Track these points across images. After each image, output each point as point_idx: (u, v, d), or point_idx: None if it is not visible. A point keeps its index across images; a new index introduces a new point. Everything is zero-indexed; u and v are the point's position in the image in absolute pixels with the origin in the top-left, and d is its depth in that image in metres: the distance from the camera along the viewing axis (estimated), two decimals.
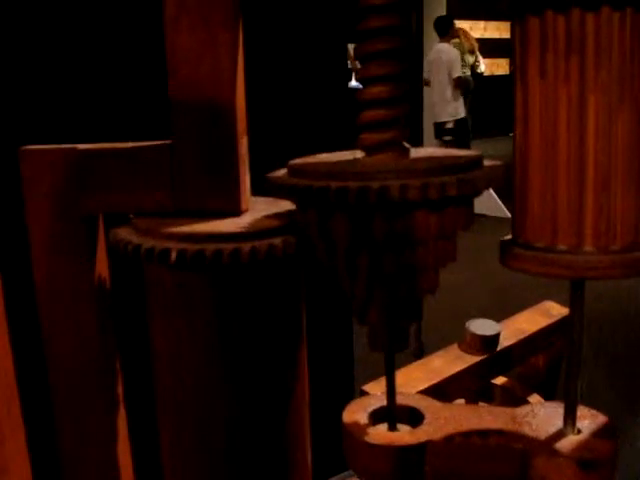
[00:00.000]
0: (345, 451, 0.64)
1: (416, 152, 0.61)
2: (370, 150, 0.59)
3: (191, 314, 0.61)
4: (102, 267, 0.70)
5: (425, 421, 0.64)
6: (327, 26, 1.18)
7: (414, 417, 0.66)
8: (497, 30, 7.15)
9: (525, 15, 0.55)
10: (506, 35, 7.39)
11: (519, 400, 1.41)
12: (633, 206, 0.55)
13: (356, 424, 0.64)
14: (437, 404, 0.67)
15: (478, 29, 6.53)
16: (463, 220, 0.58)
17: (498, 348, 1.52)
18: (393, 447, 0.61)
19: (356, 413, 0.66)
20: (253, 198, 0.68)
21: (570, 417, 0.62)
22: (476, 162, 0.58)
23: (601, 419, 0.63)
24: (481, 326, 1.53)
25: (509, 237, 0.61)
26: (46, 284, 0.69)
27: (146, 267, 0.63)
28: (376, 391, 0.99)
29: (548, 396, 1.57)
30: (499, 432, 0.62)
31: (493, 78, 5.96)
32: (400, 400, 0.66)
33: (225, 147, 0.64)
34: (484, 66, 5.86)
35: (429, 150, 0.62)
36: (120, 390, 0.73)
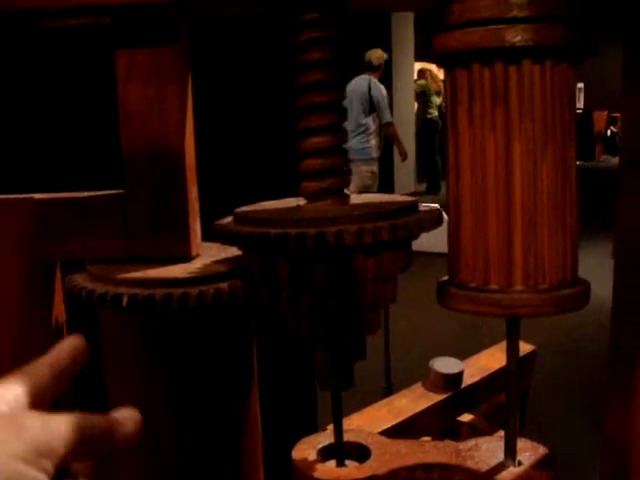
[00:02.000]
0: None
1: (355, 198, 0.63)
2: (311, 197, 0.62)
3: (142, 354, 0.63)
4: (59, 311, 0.72)
5: (372, 457, 0.66)
6: (274, 76, 1.23)
7: (362, 453, 0.68)
8: None
9: (453, 67, 0.59)
10: None
11: None
12: (560, 246, 0.58)
13: (305, 460, 0.66)
14: (384, 440, 0.69)
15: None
16: (400, 263, 0.61)
17: (462, 386, 1.54)
18: None
19: (306, 450, 0.68)
20: (204, 244, 0.70)
21: (510, 450, 0.64)
22: (411, 207, 0.61)
23: (541, 451, 0.65)
24: (444, 365, 1.55)
25: (445, 278, 0.63)
26: (5, 330, 0.71)
27: (99, 311, 0.65)
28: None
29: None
30: (443, 466, 0.64)
31: None
32: (348, 437, 0.68)
33: (175, 196, 0.66)
34: None
35: (369, 196, 0.65)
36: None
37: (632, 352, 0.67)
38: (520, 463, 0.64)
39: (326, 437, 0.69)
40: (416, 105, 5.82)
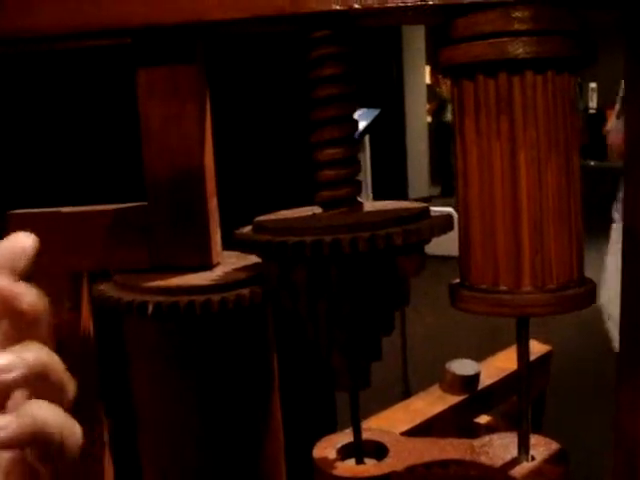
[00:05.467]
0: None
1: (368, 206, 0.66)
2: (326, 206, 0.65)
3: (167, 361, 0.66)
4: (86, 319, 0.75)
5: (389, 454, 0.68)
6: (288, 90, 1.26)
7: (380, 451, 0.70)
8: None
9: (460, 79, 0.61)
10: None
11: None
12: (566, 247, 0.61)
13: (325, 459, 0.69)
14: (401, 438, 0.71)
15: None
16: (414, 267, 0.63)
17: (479, 387, 1.56)
18: (359, 479, 0.65)
19: (326, 449, 0.70)
20: (224, 252, 0.73)
21: (523, 445, 0.66)
22: (423, 213, 0.64)
23: (554, 446, 0.68)
24: (461, 366, 1.57)
25: (457, 280, 0.66)
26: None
27: (126, 319, 0.68)
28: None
29: (533, 431, 1.59)
30: (458, 462, 0.66)
31: None
32: (366, 436, 0.70)
33: (195, 208, 0.69)
34: None
35: (381, 204, 0.68)
36: (105, 438, 0.77)
37: None
38: (533, 458, 0.66)
39: (345, 436, 0.72)
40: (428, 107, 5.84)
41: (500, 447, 0.68)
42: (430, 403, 1.51)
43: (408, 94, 5.27)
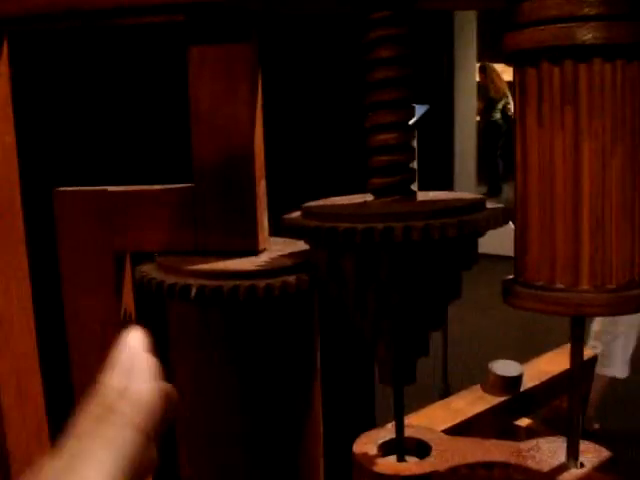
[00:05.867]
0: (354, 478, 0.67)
1: (422, 196, 0.64)
2: (378, 193, 0.63)
3: (210, 346, 0.65)
4: (128, 301, 0.74)
5: (432, 453, 0.66)
6: (342, 74, 1.24)
7: (422, 449, 0.68)
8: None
9: (524, 66, 0.59)
10: None
11: None
12: (628, 246, 0.58)
13: (366, 455, 0.67)
14: (444, 437, 0.69)
15: (508, 72, 6.57)
16: (467, 259, 0.61)
17: (521, 389, 1.52)
18: (400, 477, 0.63)
19: (366, 445, 0.68)
20: (271, 238, 0.72)
21: (573, 451, 0.64)
22: (479, 205, 0.61)
23: (604, 453, 0.65)
24: (504, 367, 1.54)
25: (511, 277, 0.63)
26: (75, 318, 0.73)
27: (168, 302, 0.67)
28: None
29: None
30: (503, 465, 0.64)
31: None
32: (409, 433, 0.68)
33: (244, 190, 0.68)
34: None
35: (436, 194, 0.65)
36: None
37: None
38: (582, 465, 0.64)
39: (387, 432, 0.70)
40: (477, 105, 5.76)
41: (548, 452, 0.66)
42: (471, 403, 1.48)
43: (458, 91, 5.20)
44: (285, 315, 0.66)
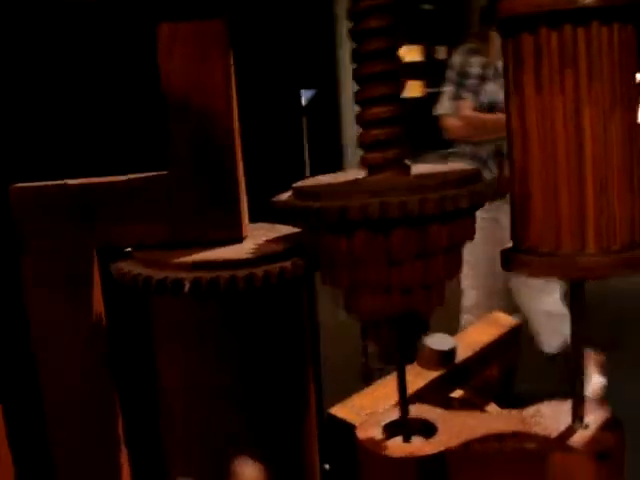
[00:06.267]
0: (362, 468, 0.65)
1: (415, 168, 0.62)
2: (372, 169, 0.61)
3: (205, 340, 0.61)
4: (98, 302, 0.69)
5: (439, 431, 0.65)
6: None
7: (427, 429, 0.67)
8: (410, 53, 7.29)
9: (519, 33, 0.58)
10: (419, 58, 7.53)
11: None
12: (629, 207, 0.59)
13: (372, 440, 0.65)
14: (446, 413, 0.68)
15: None
16: (469, 231, 0.60)
17: (456, 361, 1.55)
18: (414, 458, 0.62)
19: (370, 429, 0.66)
20: (249, 225, 0.68)
21: (578, 413, 0.64)
22: (476, 175, 0.60)
23: (604, 412, 0.66)
24: (438, 341, 1.55)
25: (509, 246, 0.63)
26: (40, 323, 0.67)
27: (154, 299, 0.63)
28: (344, 414, 1.01)
29: (502, 404, 1.60)
30: (513, 435, 0.63)
31: (409, 100, 6.05)
32: (410, 413, 0.67)
33: (224, 175, 0.64)
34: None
35: (427, 167, 0.64)
36: (119, 421, 0.71)
37: None
38: (587, 426, 0.64)
39: (388, 414, 0.68)
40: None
41: (551, 417, 0.66)
42: (410, 379, 1.49)
43: (342, 74, 5.22)
44: (282, 302, 0.63)
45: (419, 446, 0.64)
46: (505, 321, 1.74)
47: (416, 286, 0.59)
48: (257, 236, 0.66)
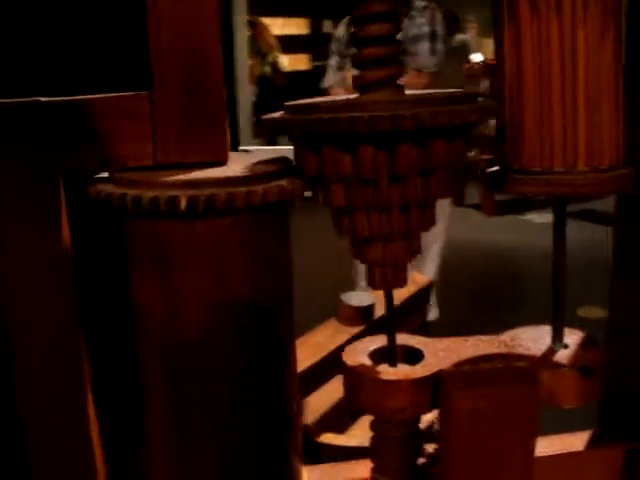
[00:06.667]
0: (354, 393, 0.64)
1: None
2: (364, 89, 0.60)
3: (201, 265, 0.58)
4: (65, 232, 0.64)
5: (426, 356, 0.65)
6: None
7: (411, 356, 0.67)
8: (296, 26, 7.28)
9: None
10: (305, 31, 7.54)
11: None
12: (616, 127, 0.61)
13: (362, 366, 0.64)
14: (428, 340, 0.68)
15: (277, 26, 6.61)
16: (460, 152, 0.60)
17: (374, 317, 1.57)
18: (409, 380, 0.62)
19: (358, 356, 0.66)
20: None
21: (558, 333, 0.66)
22: (471, 97, 0.60)
23: (580, 333, 0.68)
24: (357, 298, 1.57)
25: (495, 168, 0.64)
26: (7, 258, 0.62)
27: (139, 222, 0.59)
28: None
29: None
30: (500, 356, 0.64)
31: (295, 73, 6.04)
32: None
33: (210, 94, 0.61)
34: (286, 61, 5.91)
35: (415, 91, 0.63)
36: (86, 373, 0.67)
37: None
38: (567, 346, 0.66)
39: (372, 342, 0.68)
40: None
41: (531, 339, 0.67)
42: (330, 336, 1.50)
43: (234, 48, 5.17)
44: (276, 223, 0.61)
45: (412, 370, 0.63)
46: (420, 279, 1.78)
47: (414, 204, 0.59)
48: (238, 161, 0.64)
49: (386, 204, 0.58)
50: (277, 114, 0.61)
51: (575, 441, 0.70)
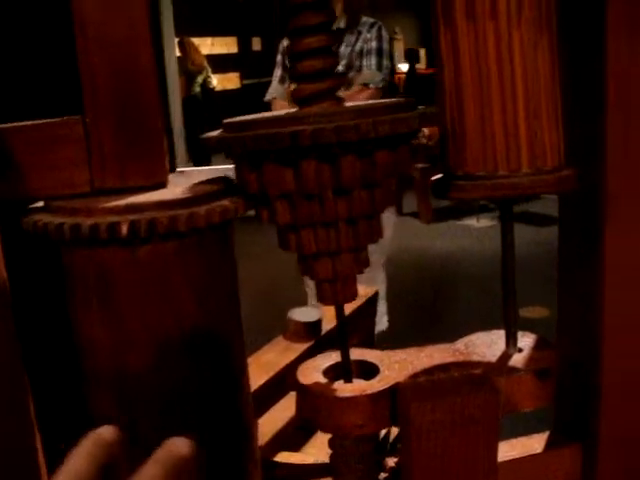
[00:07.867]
0: (311, 412, 0.63)
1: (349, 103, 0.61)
2: (303, 102, 0.59)
3: (146, 290, 0.56)
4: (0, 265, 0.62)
5: (381, 370, 0.64)
6: None
7: (364, 371, 0.66)
8: (225, 45, 7.26)
9: None
10: (234, 50, 7.52)
11: None
12: (556, 130, 0.61)
13: (317, 384, 0.63)
14: (382, 353, 0.67)
15: (206, 45, 6.58)
16: (405, 160, 0.59)
17: (323, 332, 1.55)
18: (366, 396, 0.61)
19: (312, 374, 0.64)
20: None
21: (512, 338, 0.66)
22: (409, 105, 0.60)
23: (533, 336, 0.68)
24: (303, 314, 1.55)
25: (439, 176, 0.64)
26: None
27: (76, 252, 0.57)
28: None
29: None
30: (456, 364, 0.64)
31: (225, 92, 6.00)
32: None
33: (147, 116, 0.59)
34: (215, 81, 5.86)
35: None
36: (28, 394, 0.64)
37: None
38: (521, 350, 0.66)
39: (326, 359, 0.67)
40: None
41: (484, 345, 0.67)
42: (279, 353, 1.48)
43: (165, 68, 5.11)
44: (221, 244, 0.60)
45: (369, 384, 0.62)
46: (363, 292, 1.77)
47: (361, 217, 0.58)
48: (178, 182, 0.62)
49: (332, 218, 0.57)
50: (215, 133, 0.59)
51: (534, 443, 0.70)
